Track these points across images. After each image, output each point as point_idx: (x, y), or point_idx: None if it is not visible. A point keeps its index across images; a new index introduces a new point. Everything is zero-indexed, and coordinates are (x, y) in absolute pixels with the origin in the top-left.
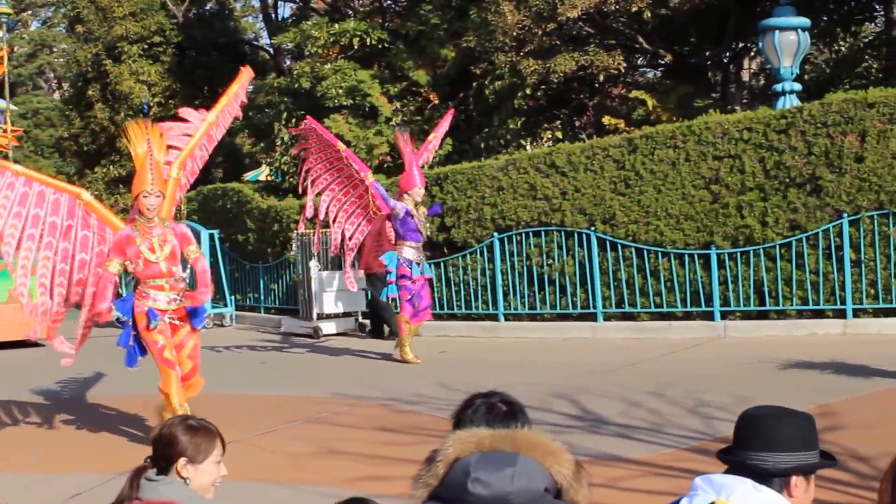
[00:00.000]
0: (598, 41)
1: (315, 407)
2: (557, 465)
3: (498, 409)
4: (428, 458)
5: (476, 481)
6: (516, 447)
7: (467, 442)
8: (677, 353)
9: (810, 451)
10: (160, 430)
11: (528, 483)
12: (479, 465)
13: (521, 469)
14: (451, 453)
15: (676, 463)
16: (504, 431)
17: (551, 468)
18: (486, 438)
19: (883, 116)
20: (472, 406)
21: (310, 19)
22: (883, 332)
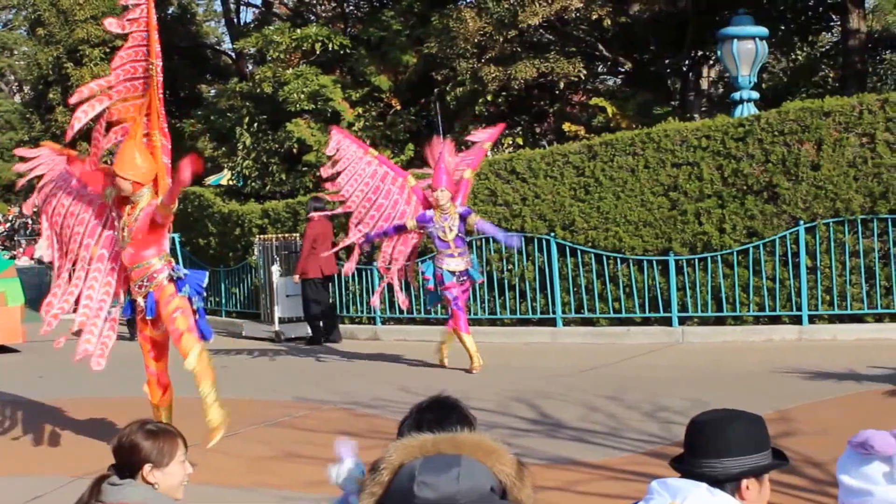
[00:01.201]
0: (558, 48)
1: (275, 410)
2: (500, 464)
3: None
4: (371, 466)
5: (422, 484)
6: (459, 448)
7: (410, 447)
8: (635, 357)
9: (761, 453)
10: (119, 438)
11: (474, 483)
12: (424, 468)
13: (466, 469)
14: (395, 459)
15: (633, 467)
16: (446, 435)
17: (494, 467)
18: (429, 442)
19: (839, 125)
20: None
21: (272, 24)
22: (838, 338)
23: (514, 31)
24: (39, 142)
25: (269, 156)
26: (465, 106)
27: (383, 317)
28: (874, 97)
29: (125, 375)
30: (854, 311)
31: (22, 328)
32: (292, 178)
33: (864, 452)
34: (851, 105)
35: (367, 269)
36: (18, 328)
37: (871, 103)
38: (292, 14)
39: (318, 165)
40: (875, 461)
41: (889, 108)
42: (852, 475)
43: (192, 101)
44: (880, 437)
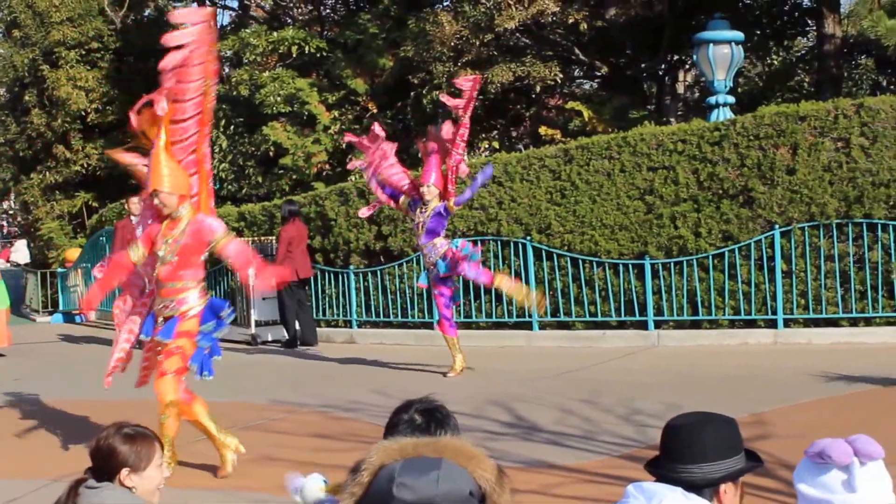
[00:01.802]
0: (535, 52)
1: (251, 414)
2: (480, 469)
3: (424, 419)
4: (353, 467)
5: (401, 486)
6: (439, 452)
7: (391, 449)
8: (611, 361)
9: (736, 456)
10: (97, 442)
11: (453, 486)
12: (404, 470)
13: (445, 473)
14: (376, 461)
15: (608, 470)
16: (427, 439)
17: (474, 472)
18: (410, 445)
19: (814, 129)
20: (400, 416)
21: (248, 27)
22: (813, 342)
23: (491, 35)
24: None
25: (245, 158)
26: (441, 109)
27: (359, 320)
28: (849, 102)
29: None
30: (829, 315)
31: (7, 332)
32: (268, 181)
33: (821, 462)
34: (827, 110)
35: (342, 272)
36: (4, 331)
37: (846, 108)
38: (269, 17)
39: (293, 168)
40: (833, 470)
41: (864, 113)
42: (810, 484)
43: None
44: (837, 446)
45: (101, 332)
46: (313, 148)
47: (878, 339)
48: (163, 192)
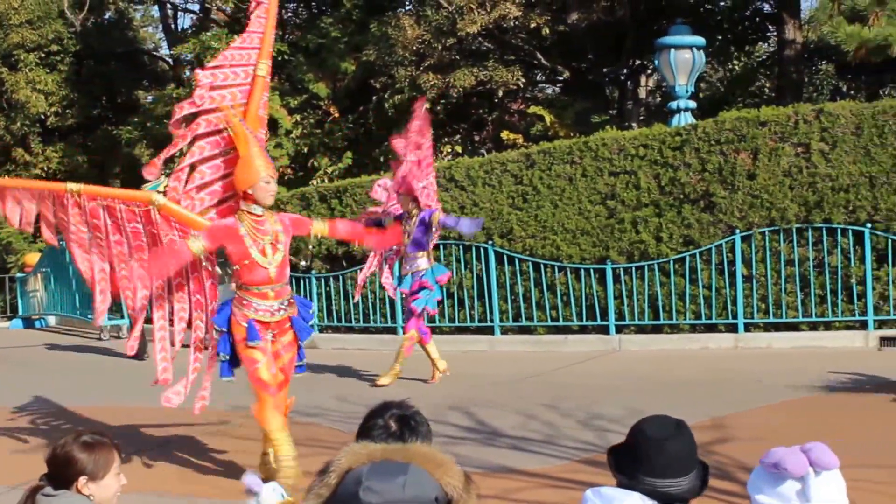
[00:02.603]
0: (497, 57)
1: (211, 419)
2: (447, 476)
3: (398, 425)
4: (320, 469)
5: (368, 490)
6: (408, 458)
7: (359, 453)
8: (573, 366)
9: (698, 465)
10: (54, 449)
11: (420, 492)
12: (371, 474)
13: (412, 478)
14: (344, 463)
15: (569, 475)
16: (397, 445)
17: (441, 479)
18: (378, 450)
19: (774, 135)
20: (375, 420)
21: (210, 30)
22: (773, 346)
23: (453, 39)
24: None
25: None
26: (403, 114)
27: (321, 325)
28: (809, 107)
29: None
30: (789, 319)
31: None
32: None
33: (777, 472)
34: (787, 115)
35: (304, 277)
36: None
37: (806, 113)
38: (230, 20)
39: None
40: (788, 480)
41: (824, 118)
42: (767, 494)
43: (129, 107)
44: (792, 457)
45: (61, 339)
46: (275, 152)
47: (837, 342)
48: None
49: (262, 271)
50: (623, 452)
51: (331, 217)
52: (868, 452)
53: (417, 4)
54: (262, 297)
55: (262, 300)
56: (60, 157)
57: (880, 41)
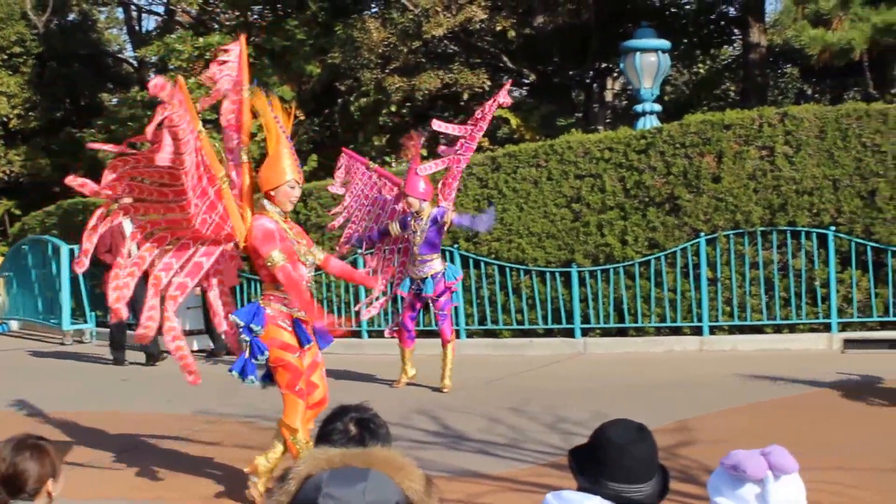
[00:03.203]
0: (463, 59)
1: (175, 424)
2: (408, 480)
3: (357, 429)
4: (280, 476)
5: (328, 497)
6: (368, 463)
7: (318, 459)
8: (538, 369)
9: (656, 476)
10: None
11: (380, 497)
12: (331, 480)
13: (372, 484)
14: (303, 470)
15: (535, 478)
16: (356, 449)
17: (402, 484)
18: (338, 456)
19: (739, 138)
20: (334, 425)
21: (174, 32)
22: (738, 349)
23: (419, 42)
24: None
25: None
26: (369, 116)
27: None
28: (774, 110)
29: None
30: (754, 322)
31: None
32: None
33: (736, 475)
34: (752, 118)
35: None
36: None
37: (770, 117)
38: (195, 22)
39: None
40: (748, 483)
41: (788, 122)
42: (726, 496)
43: (93, 109)
44: (752, 461)
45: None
46: None
47: (801, 345)
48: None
49: (304, 270)
50: (585, 455)
51: (295, 220)
52: (832, 454)
53: (383, 7)
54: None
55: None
56: (23, 160)
57: (843, 45)
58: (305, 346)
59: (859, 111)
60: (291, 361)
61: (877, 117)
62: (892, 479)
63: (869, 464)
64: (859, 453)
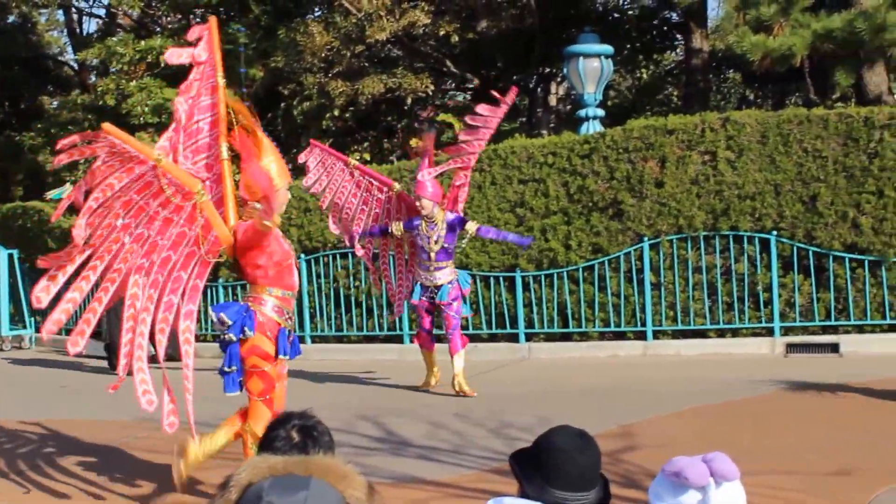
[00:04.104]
0: (406, 64)
1: (116, 431)
2: (350, 488)
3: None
4: (221, 484)
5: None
6: (309, 471)
7: (259, 467)
8: (482, 374)
9: (598, 484)
10: None
11: None
12: (272, 488)
13: (314, 492)
14: (244, 478)
15: (479, 484)
16: (298, 457)
17: (344, 491)
18: (279, 464)
19: (682, 143)
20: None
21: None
22: (681, 353)
23: (362, 47)
24: None
25: None
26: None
27: None
28: (716, 115)
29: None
30: (697, 326)
31: None
32: None
33: (678, 481)
34: (694, 123)
35: (212, 286)
36: None
37: (712, 122)
38: (136, 25)
39: None
40: (689, 490)
41: (730, 127)
42: (667, 502)
43: (33, 113)
44: (694, 468)
45: None
46: None
47: (744, 349)
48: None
49: (296, 274)
50: (528, 461)
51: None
52: (775, 458)
53: (326, 11)
54: (287, 303)
55: (287, 307)
56: None
57: (784, 51)
58: (281, 357)
59: (800, 117)
60: (268, 372)
61: (818, 123)
62: (834, 483)
63: (812, 468)
64: (802, 457)
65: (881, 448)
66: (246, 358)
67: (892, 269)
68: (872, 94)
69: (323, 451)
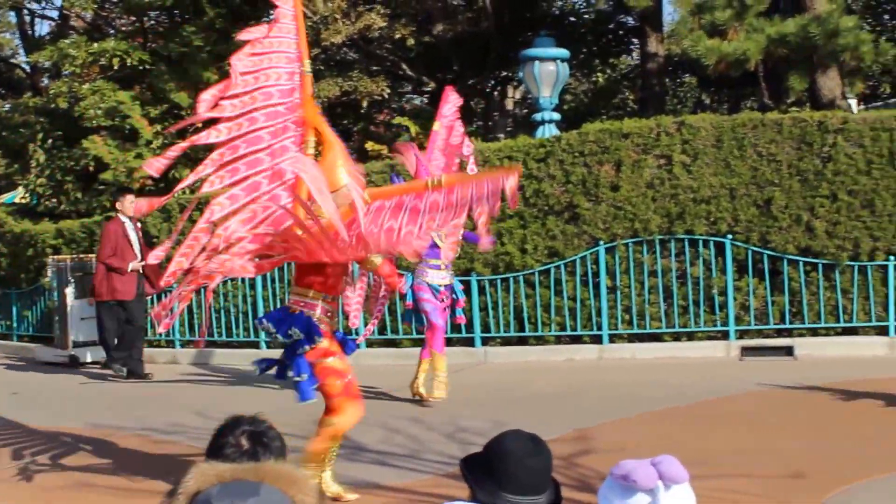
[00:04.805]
0: (362, 67)
1: (67, 438)
2: (301, 494)
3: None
4: (168, 492)
5: None
6: (259, 478)
7: (207, 474)
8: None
9: (550, 488)
10: None
11: None
12: (221, 496)
13: (264, 499)
14: (192, 486)
15: (434, 489)
16: (247, 464)
17: (295, 498)
18: (228, 471)
19: (637, 147)
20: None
21: (68, 37)
22: (637, 357)
23: (318, 50)
24: None
25: (64, 173)
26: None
27: (182, 340)
28: (671, 119)
29: None
30: (653, 329)
31: None
32: (88, 197)
33: (627, 484)
34: (649, 127)
35: (165, 290)
36: None
37: (668, 126)
38: (90, 27)
39: (115, 184)
40: (638, 493)
41: (685, 131)
42: None
43: None
44: (642, 470)
45: None
46: (135, 163)
47: (699, 352)
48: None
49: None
50: (479, 466)
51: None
52: (729, 461)
53: None
54: (334, 305)
55: (334, 309)
56: None
57: (739, 55)
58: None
59: (755, 121)
60: (338, 366)
61: (772, 127)
62: (787, 486)
63: (765, 471)
64: (755, 460)
65: (834, 451)
66: (315, 363)
67: (845, 272)
68: (826, 98)
69: (274, 457)
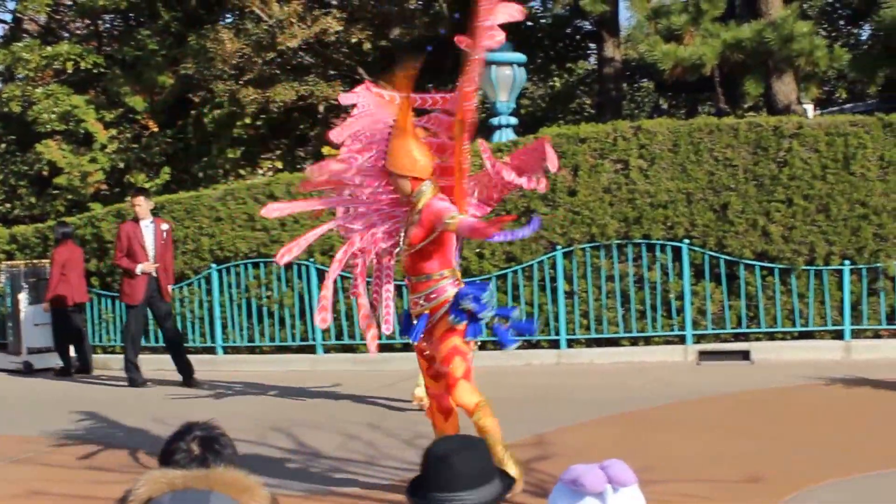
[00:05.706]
0: (319, 71)
1: (20, 446)
2: (253, 501)
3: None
4: (120, 498)
5: None
6: (210, 485)
7: (159, 482)
8: (395, 384)
9: (491, 483)
10: None
11: None
12: None
13: None
14: (143, 493)
15: (392, 496)
16: (198, 471)
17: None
18: (179, 478)
19: (594, 151)
20: (178, 444)
21: (21, 41)
22: (595, 362)
23: (273, 54)
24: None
25: (17, 178)
26: (223, 128)
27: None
28: (628, 124)
29: None
30: (610, 334)
31: None
32: (42, 202)
33: (576, 489)
34: (606, 132)
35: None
36: None
37: (624, 130)
38: (43, 31)
39: (69, 188)
40: (587, 497)
41: (642, 135)
42: None
43: None
44: (591, 475)
45: None
46: (90, 167)
47: (657, 357)
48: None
49: None
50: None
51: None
52: (685, 466)
53: (237, 18)
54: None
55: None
56: None
57: (695, 60)
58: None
59: (711, 126)
60: (466, 351)
61: (728, 132)
62: (743, 490)
63: (721, 475)
64: (712, 464)
65: (791, 455)
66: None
67: (801, 277)
68: (781, 103)
69: (225, 464)
